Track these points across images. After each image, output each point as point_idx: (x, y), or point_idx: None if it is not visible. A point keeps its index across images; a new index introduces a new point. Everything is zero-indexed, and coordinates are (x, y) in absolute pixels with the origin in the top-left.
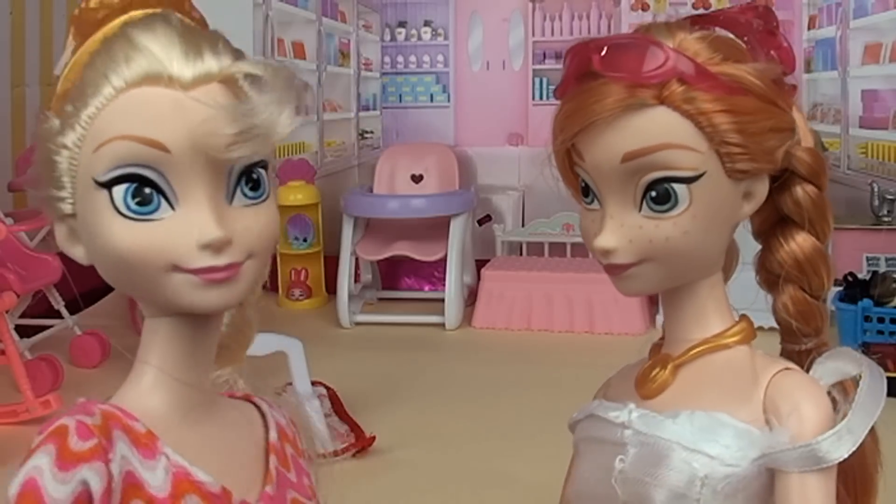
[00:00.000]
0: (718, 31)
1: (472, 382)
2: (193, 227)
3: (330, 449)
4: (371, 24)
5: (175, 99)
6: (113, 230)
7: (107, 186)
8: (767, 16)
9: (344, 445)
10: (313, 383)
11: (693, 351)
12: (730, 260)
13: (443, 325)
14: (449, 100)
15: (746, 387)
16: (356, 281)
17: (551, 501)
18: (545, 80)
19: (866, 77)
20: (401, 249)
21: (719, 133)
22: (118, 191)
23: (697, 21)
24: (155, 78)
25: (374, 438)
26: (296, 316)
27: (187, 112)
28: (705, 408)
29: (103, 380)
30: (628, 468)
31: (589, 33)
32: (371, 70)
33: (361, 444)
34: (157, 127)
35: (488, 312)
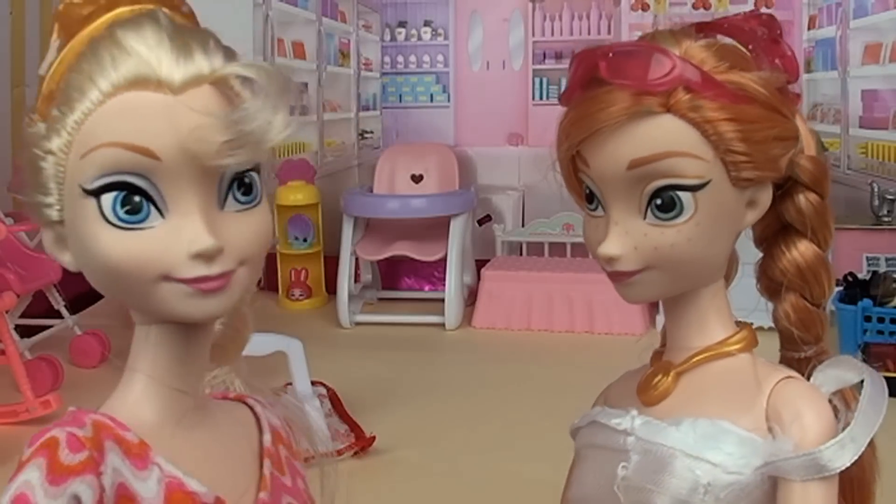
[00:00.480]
0: (723, 39)
1: (472, 382)
2: (184, 236)
3: (330, 449)
4: (371, 24)
5: (165, 104)
6: (101, 239)
7: (95, 194)
8: (771, 24)
9: (344, 445)
10: (313, 383)
11: (695, 359)
12: (730, 267)
13: (443, 325)
14: (449, 100)
15: (749, 395)
16: (356, 281)
17: (551, 501)
18: (545, 80)
19: (866, 77)
20: (401, 249)
21: (725, 141)
22: (106, 199)
23: (702, 28)
24: (143, 81)
25: (374, 438)
26: (296, 316)
27: (178, 118)
28: (708, 415)
29: (103, 380)
30: (631, 475)
31: (589, 34)
32: (371, 70)
33: (361, 444)
34: (147, 134)
35: (488, 312)
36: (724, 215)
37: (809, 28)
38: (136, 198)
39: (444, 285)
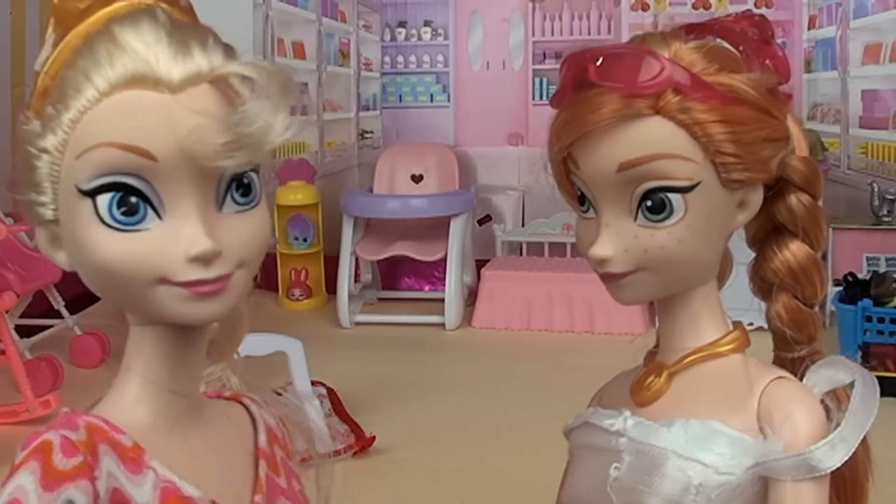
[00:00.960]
0: (713, 41)
1: (472, 382)
2: (182, 239)
3: (330, 449)
4: (371, 24)
5: (163, 103)
6: (97, 241)
7: (90, 195)
8: (763, 25)
9: (344, 445)
10: (313, 383)
11: (687, 359)
12: (724, 267)
13: (443, 325)
14: (449, 100)
15: (740, 395)
16: (356, 281)
17: (549, 501)
18: (545, 80)
19: (866, 77)
20: (401, 249)
21: (714, 143)
22: (102, 200)
23: (692, 30)
24: (141, 80)
25: (374, 438)
26: (296, 316)
27: (176, 118)
28: (699, 416)
29: (103, 380)
30: (623, 476)
31: (589, 34)
32: (371, 70)
33: (361, 444)
34: (144, 134)
35: (488, 312)
36: (715, 217)
37: (809, 28)
38: (133, 199)
39: (444, 285)
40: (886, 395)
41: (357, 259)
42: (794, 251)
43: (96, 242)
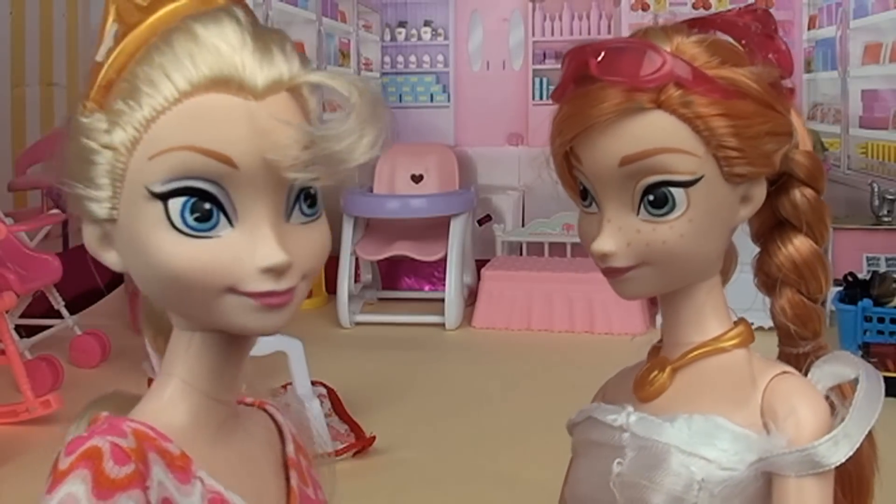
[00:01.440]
0: (716, 35)
1: (472, 382)
2: (255, 249)
3: (330, 449)
4: (371, 24)
5: (248, 110)
6: (165, 245)
7: (162, 198)
8: (766, 19)
9: (344, 445)
10: (313, 383)
11: (691, 354)
12: (728, 262)
13: (443, 325)
14: (449, 100)
15: (744, 391)
16: (356, 281)
17: (551, 501)
18: (545, 80)
19: (866, 77)
20: (401, 249)
21: (716, 137)
22: (175, 203)
23: (695, 24)
24: (225, 83)
25: (374, 438)
26: (296, 316)
27: (261, 127)
28: (703, 411)
29: (103, 380)
30: (626, 471)
31: (589, 33)
32: (371, 70)
33: (361, 444)
34: (227, 140)
35: (488, 312)
36: (717, 211)
37: (809, 28)
38: (207, 205)
39: (444, 285)
40: (887, 396)
41: (357, 259)
42: (798, 246)
43: (165, 247)
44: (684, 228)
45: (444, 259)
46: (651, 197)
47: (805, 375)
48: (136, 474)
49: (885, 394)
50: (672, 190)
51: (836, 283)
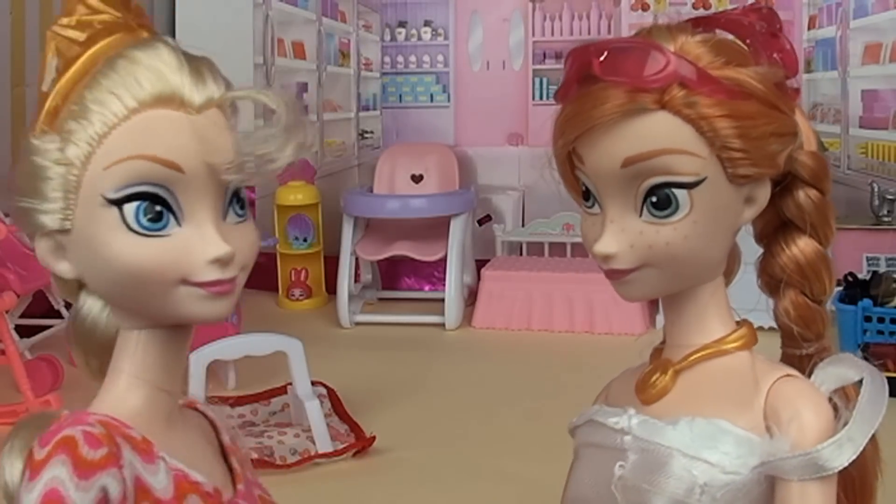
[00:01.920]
0: (720, 34)
1: (472, 382)
2: (204, 244)
3: (330, 449)
4: (371, 24)
5: (190, 123)
6: (123, 246)
7: (118, 203)
8: (770, 18)
9: (344, 445)
10: (313, 383)
11: (693, 357)
12: (732, 263)
13: (443, 325)
14: (449, 100)
15: (747, 393)
16: (356, 281)
17: (551, 501)
18: (545, 80)
19: (866, 77)
20: (401, 249)
21: (720, 138)
22: (129, 208)
23: (699, 23)
24: (168, 99)
25: (374, 438)
26: (296, 316)
27: (202, 136)
28: (705, 414)
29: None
30: (628, 475)
31: (589, 33)
32: (371, 70)
33: (361, 444)
34: (174, 149)
35: (488, 312)
36: (721, 212)
37: (809, 28)
38: (158, 207)
39: (444, 285)
40: (888, 396)
41: (357, 259)
42: (802, 247)
43: (122, 248)
44: (688, 230)
45: (444, 259)
46: (654, 198)
47: (808, 377)
48: (111, 455)
49: (888, 394)
50: (675, 191)
51: (836, 283)
